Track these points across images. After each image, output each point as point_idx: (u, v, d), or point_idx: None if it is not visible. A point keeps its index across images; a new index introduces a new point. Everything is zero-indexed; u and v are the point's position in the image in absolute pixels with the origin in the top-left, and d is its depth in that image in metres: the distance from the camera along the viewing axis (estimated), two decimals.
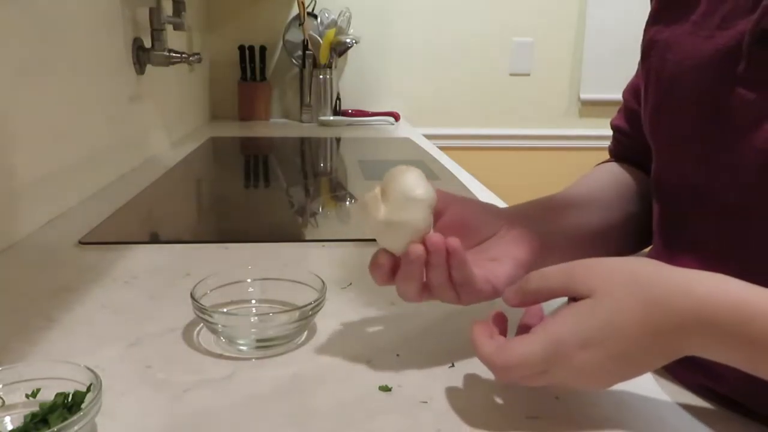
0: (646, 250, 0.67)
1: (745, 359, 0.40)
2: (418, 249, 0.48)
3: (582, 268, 0.45)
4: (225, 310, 0.60)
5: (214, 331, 0.58)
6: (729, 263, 0.51)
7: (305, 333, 0.60)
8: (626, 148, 0.71)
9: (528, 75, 2.41)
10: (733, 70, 0.49)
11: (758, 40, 0.47)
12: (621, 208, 0.66)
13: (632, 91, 0.69)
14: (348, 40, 2.18)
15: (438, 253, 0.48)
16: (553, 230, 0.60)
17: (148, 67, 1.44)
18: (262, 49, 2.24)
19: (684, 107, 0.54)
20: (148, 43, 1.44)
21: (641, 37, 0.63)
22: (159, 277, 0.75)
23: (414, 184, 0.48)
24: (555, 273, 0.47)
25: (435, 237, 0.48)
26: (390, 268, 0.51)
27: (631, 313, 0.42)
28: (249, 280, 0.64)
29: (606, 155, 0.78)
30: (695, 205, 0.54)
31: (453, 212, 0.54)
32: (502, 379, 0.45)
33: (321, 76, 2.20)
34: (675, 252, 0.56)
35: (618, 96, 0.76)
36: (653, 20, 0.61)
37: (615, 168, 0.71)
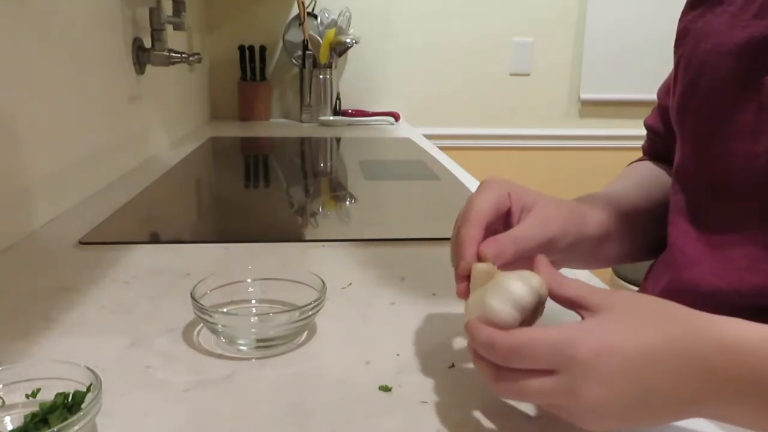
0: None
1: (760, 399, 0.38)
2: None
3: (603, 289, 0.44)
4: (225, 310, 0.60)
5: (214, 331, 0.58)
6: (747, 252, 0.51)
7: (305, 333, 0.60)
8: (659, 147, 0.72)
9: (528, 75, 2.41)
10: (764, 59, 0.49)
11: None
12: (649, 199, 0.66)
13: (666, 90, 0.68)
14: (348, 40, 2.18)
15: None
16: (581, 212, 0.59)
17: (148, 67, 1.44)
18: (262, 49, 2.24)
19: (711, 94, 0.54)
20: (148, 43, 1.44)
21: (641, 38, 0.63)
22: (159, 277, 0.75)
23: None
24: (574, 280, 0.45)
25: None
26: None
27: (648, 322, 0.40)
28: (249, 280, 0.64)
29: (606, 156, 0.79)
30: (713, 193, 0.54)
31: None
32: (506, 363, 0.41)
33: (321, 76, 2.20)
34: (691, 242, 0.56)
35: (618, 96, 0.76)
36: (689, 8, 0.61)
37: (647, 165, 0.72)
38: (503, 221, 0.53)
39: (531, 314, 0.44)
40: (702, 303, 0.44)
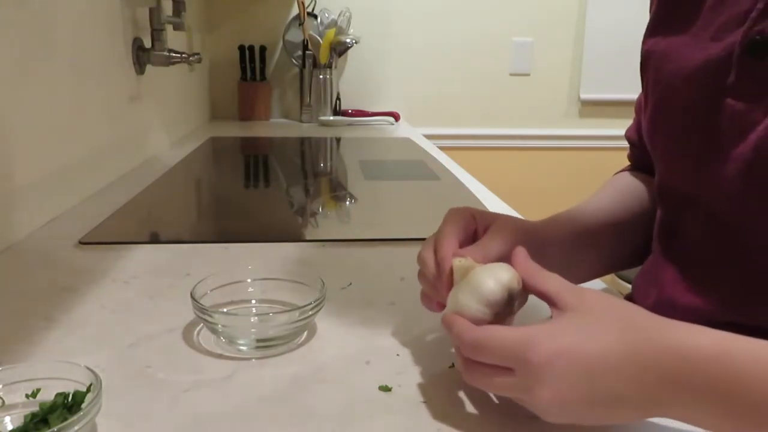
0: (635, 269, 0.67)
1: (721, 401, 0.38)
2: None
3: (578, 288, 0.45)
4: (225, 310, 0.60)
5: (214, 331, 0.58)
6: (722, 271, 0.52)
7: (305, 333, 0.60)
8: (639, 158, 0.72)
9: (528, 75, 2.41)
10: (724, 80, 0.49)
11: (747, 51, 0.47)
12: (625, 211, 0.67)
13: (640, 106, 0.69)
14: (348, 40, 2.18)
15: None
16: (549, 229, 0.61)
17: (148, 67, 1.44)
18: (262, 49, 2.24)
19: (677, 117, 0.55)
20: (148, 43, 1.44)
21: (641, 38, 0.63)
22: (159, 277, 0.75)
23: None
24: (552, 275, 0.47)
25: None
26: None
27: (609, 331, 0.41)
28: (249, 280, 0.64)
29: (606, 156, 0.80)
30: (689, 213, 0.55)
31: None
32: (470, 356, 0.44)
33: (321, 76, 2.20)
34: (671, 258, 0.57)
35: (618, 96, 0.77)
36: (650, 32, 0.61)
37: (626, 177, 0.72)
38: (471, 241, 0.56)
39: (505, 307, 0.47)
40: (685, 319, 0.44)
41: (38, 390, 0.45)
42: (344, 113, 2.25)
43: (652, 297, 0.59)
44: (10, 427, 0.44)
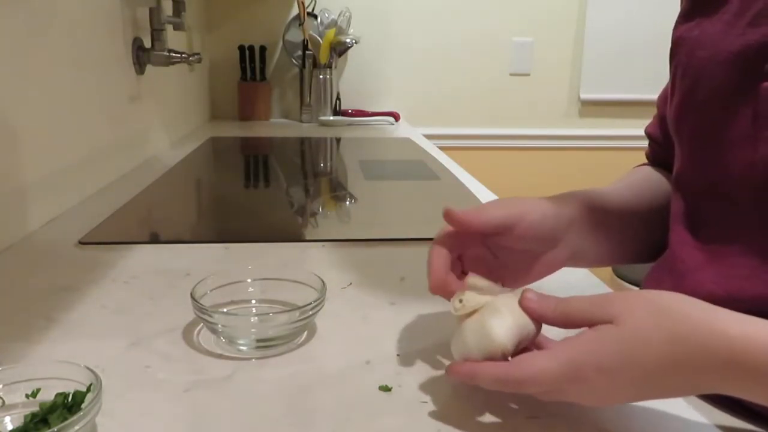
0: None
1: None
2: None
3: (604, 297, 0.45)
4: (225, 310, 0.60)
5: (214, 331, 0.58)
6: (746, 262, 0.51)
7: (305, 333, 0.60)
8: (659, 155, 0.72)
9: (528, 75, 2.41)
10: (761, 66, 0.49)
11: None
12: (647, 200, 0.67)
13: (664, 99, 0.68)
14: (348, 40, 2.18)
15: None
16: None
17: (148, 67, 1.44)
18: (262, 49, 2.24)
19: (708, 102, 0.54)
20: (148, 43, 1.44)
21: (641, 38, 0.63)
22: (159, 277, 0.75)
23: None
24: (578, 298, 0.46)
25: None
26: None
27: (654, 344, 0.41)
28: (249, 280, 0.64)
29: (606, 156, 0.79)
30: (714, 201, 0.54)
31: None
32: (515, 392, 0.46)
33: (321, 76, 2.20)
34: (691, 248, 0.56)
35: (618, 96, 0.76)
36: (684, 18, 0.61)
37: (646, 169, 0.72)
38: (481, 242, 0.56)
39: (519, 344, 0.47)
40: None
41: (38, 390, 0.45)
42: (344, 113, 2.25)
43: (666, 288, 0.58)
44: (10, 427, 0.44)
